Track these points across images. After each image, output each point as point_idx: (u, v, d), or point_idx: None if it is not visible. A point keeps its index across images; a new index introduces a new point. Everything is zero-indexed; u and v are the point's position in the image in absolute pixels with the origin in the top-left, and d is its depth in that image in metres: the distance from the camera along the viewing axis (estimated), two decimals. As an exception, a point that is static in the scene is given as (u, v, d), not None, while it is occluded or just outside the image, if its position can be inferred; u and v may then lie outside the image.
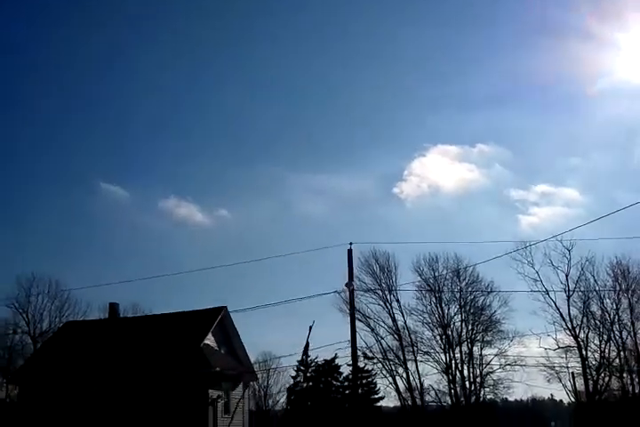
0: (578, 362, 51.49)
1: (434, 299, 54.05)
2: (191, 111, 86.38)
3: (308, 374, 57.91)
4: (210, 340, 35.18)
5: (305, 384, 57.08)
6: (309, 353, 56.50)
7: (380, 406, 54.45)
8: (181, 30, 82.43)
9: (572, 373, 49.29)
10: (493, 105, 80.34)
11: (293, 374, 58.26)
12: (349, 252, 29.68)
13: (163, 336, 34.21)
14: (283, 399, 62.76)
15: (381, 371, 53.49)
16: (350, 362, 54.79)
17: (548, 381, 53.28)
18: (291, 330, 71.03)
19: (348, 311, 51.92)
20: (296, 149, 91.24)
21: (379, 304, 54.21)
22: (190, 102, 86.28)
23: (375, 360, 52.37)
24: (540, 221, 73.71)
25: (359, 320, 51.27)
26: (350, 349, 28.33)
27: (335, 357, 56.13)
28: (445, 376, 51.88)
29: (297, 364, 57.38)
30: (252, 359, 44.77)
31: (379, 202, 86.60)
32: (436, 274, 54.28)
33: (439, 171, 78.78)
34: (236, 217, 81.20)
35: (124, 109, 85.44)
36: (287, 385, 60.53)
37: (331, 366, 57.57)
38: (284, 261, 75.69)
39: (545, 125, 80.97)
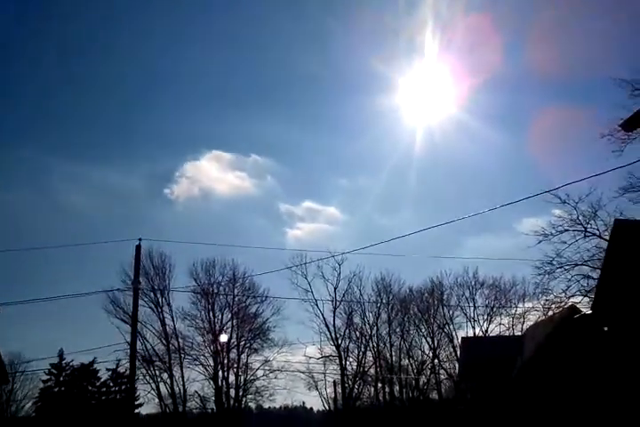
0: (337, 371, 54.30)
1: (207, 304, 53.34)
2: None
3: (62, 379, 53.58)
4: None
5: (57, 389, 52.63)
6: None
7: (139, 413, 51.87)
8: None
9: (334, 381, 51.64)
10: (275, 117, 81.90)
11: (45, 377, 53.52)
12: (138, 248, 27.66)
13: None
14: (29, 405, 56.88)
15: (144, 376, 50.96)
16: (110, 367, 52.69)
17: (309, 389, 55.48)
18: (44, 331, 65.17)
19: (114, 312, 49.63)
20: (58, 133, 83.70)
21: (149, 307, 51.88)
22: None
23: (155, 364, 49.79)
24: (304, 235, 76.82)
25: (125, 322, 48.92)
26: (129, 351, 26.27)
27: (94, 360, 52.83)
28: (212, 382, 51.24)
29: (49, 367, 52.92)
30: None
31: (148, 201, 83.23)
32: (212, 280, 53.78)
33: (212, 176, 78.24)
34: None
35: None
36: (36, 390, 55.25)
37: (88, 371, 53.84)
38: (43, 254, 69.34)
39: (321, 143, 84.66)
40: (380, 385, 55.31)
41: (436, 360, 54.10)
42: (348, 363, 55.21)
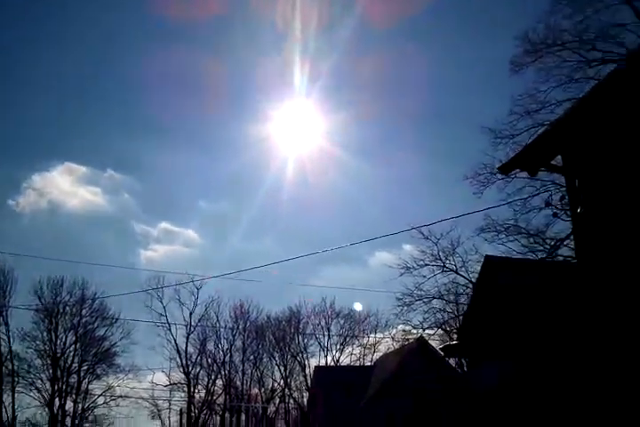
0: (185, 399, 52.66)
1: (50, 325, 49.84)
2: None
3: None
4: None
5: None
6: None
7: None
8: None
9: (181, 409, 49.85)
10: (139, 134, 78.06)
11: None
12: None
13: None
14: None
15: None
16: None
17: (152, 418, 53.26)
18: None
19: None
20: None
21: (-17, 326, 47.63)
22: None
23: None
24: (159, 258, 73.16)
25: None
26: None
27: None
28: (47, 409, 47.63)
29: None
30: None
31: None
32: (58, 299, 50.46)
33: (63, 189, 73.03)
34: None
35: None
36: None
37: None
38: None
39: (185, 165, 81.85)
40: (227, 414, 54.21)
41: (286, 389, 54.09)
42: (196, 391, 53.88)
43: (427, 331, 28.75)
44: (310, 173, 71.10)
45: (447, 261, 27.28)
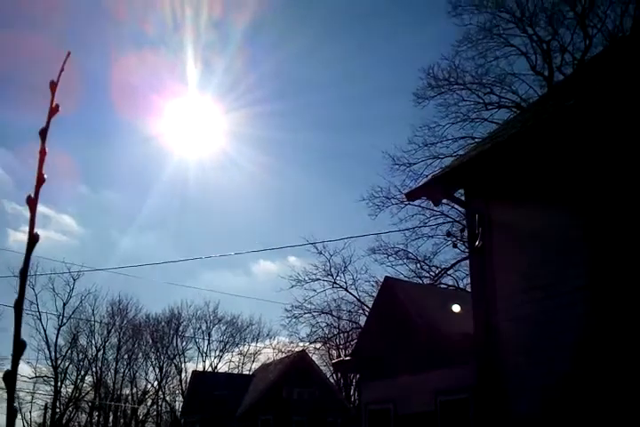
0: (50, 394, 50.27)
1: None
2: None
3: None
4: None
5: None
6: None
7: None
8: None
9: (45, 404, 47.56)
10: (24, 107, 69.98)
11: None
12: None
13: None
14: None
15: None
16: None
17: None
18: None
19: None
20: None
21: None
22: None
23: None
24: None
25: None
26: None
27: None
28: None
29: None
30: None
31: None
32: None
33: None
34: None
35: None
36: None
37: None
38: None
39: (72, 149, 73.31)
40: (95, 413, 52.17)
41: (160, 392, 52.76)
42: (63, 386, 51.51)
43: (311, 345, 29.18)
44: (206, 174, 69.76)
45: (338, 278, 27.97)
